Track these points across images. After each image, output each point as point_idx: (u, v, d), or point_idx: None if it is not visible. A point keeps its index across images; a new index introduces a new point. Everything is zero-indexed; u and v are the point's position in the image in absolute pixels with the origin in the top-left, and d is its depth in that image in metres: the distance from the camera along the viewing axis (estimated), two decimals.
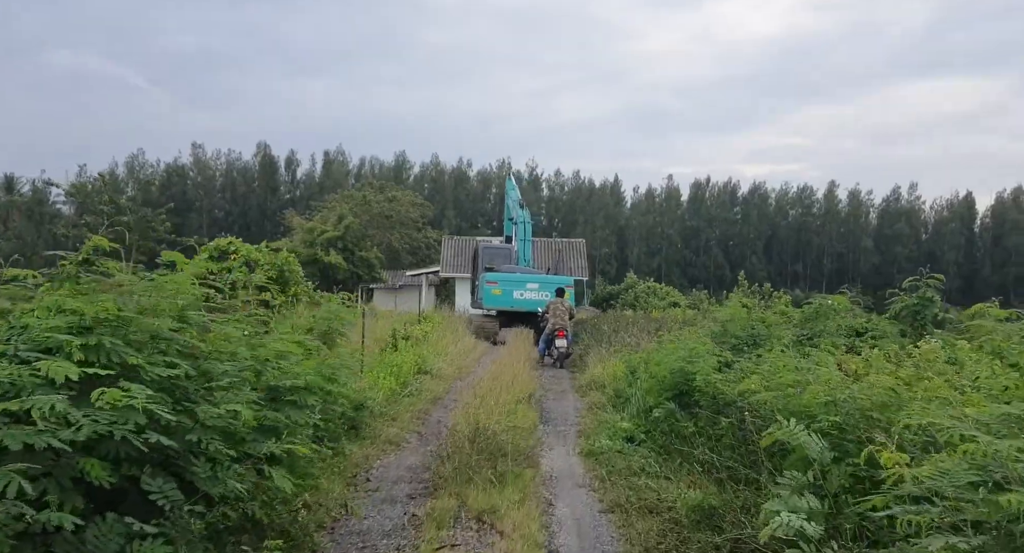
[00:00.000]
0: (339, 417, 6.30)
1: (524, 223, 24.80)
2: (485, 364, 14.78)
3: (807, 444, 3.59)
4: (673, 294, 45.76)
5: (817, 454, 3.57)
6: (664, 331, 13.89)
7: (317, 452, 5.53)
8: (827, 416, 3.92)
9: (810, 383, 4.54)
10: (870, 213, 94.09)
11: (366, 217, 53.05)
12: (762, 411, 4.89)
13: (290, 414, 4.21)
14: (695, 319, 20.30)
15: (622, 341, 14.31)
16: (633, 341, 14.02)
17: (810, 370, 5.05)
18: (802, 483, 3.54)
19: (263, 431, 3.96)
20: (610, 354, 13.43)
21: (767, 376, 5.73)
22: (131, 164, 78.68)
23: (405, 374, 10.32)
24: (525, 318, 19.69)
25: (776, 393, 4.62)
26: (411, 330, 15.06)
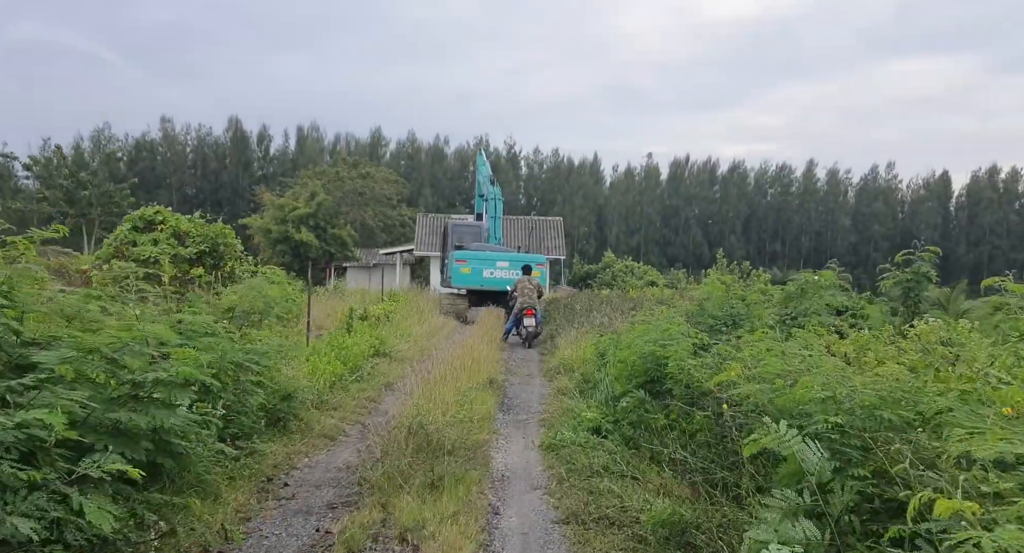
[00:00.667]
0: (256, 410, 5.44)
1: (495, 200, 24.10)
2: (450, 344, 13.97)
3: (802, 454, 2.80)
4: (651, 273, 45.18)
5: (815, 467, 2.78)
6: (639, 311, 13.16)
7: (222, 453, 4.67)
8: (825, 415, 3.12)
9: (802, 373, 3.75)
10: (848, 192, 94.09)
11: (339, 194, 51.74)
12: (744, 405, 4.11)
13: (155, 415, 3.34)
14: (672, 298, 19.64)
15: (595, 321, 13.55)
16: (606, 321, 13.27)
17: (800, 357, 4.27)
18: (795, 505, 2.75)
19: (115, 438, 3.10)
20: (581, 335, 12.67)
21: (749, 363, 4.96)
22: (97, 138, 76.12)
23: (356, 357, 9.45)
24: (495, 297, 19.20)
25: (761, 386, 3.82)
26: (372, 310, 14.18)
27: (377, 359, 10.62)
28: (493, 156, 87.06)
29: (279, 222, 45.29)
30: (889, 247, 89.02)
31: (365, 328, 11.85)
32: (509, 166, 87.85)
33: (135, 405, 3.36)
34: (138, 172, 75.29)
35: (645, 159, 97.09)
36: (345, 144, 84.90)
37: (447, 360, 10.37)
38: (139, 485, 3.69)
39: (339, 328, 11.17)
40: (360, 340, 10.43)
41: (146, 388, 3.43)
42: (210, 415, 4.56)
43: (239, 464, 4.91)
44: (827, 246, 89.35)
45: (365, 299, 19.58)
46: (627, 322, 10.67)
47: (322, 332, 11.60)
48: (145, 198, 73.90)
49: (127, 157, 76.86)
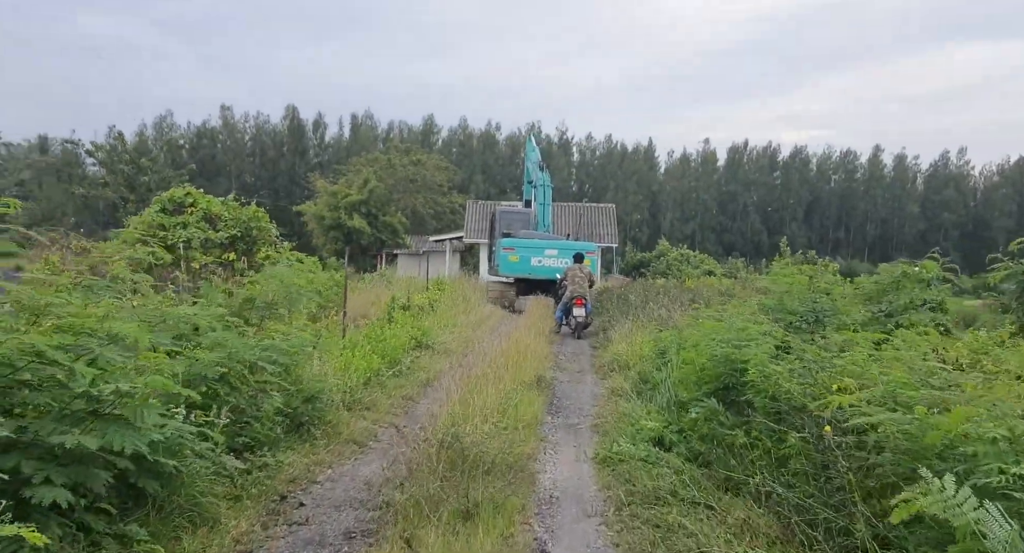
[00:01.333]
0: (273, 415, 4.80)
1: (544, 186, 23.39)
2: (496, 336, 13.27)
3: (986, 525, 1.94)
4: (708, 262, 43.62)
5: (1004, 545, 1.92)
6: (700, 303, 12.20)
7: (224, 469, 4.03)
8: (1001, 463, 2.24)
9: (949, 393, 2.85)
10: (917, 179, 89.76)
11: (391, 181, 51.60)
12: (871, 438, 3.23)
13: (114, 435, 2.68)
14: (733, 289, 18.52)
15: (651, 314, 12.63)
16: (664, 314, 12.33)
17: (929, 370, 3.35)
18: None
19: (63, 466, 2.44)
20: (636, 328, 11.79)
21: (855, 373, 4.06)
22: (159, 126, 77.88)
23: (395, 351, 8.80)
24: (544, 286, 18.75)
25: (895, 415, 2.94)
26: (417, 299, 13.56)
27: (418, 352, 9.96)
28: (544, 142, 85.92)
29: (332, 209, 45.41)
30: (960, 235, 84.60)
31: (408, 318, 11.21)
32: (561, 152, 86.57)
33: (93, 424, 2.72)
34: (199, 160, 76.84)
35: (701, 144, 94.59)
36: (399, 131, 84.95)
37: (492, 354, 9.64)
38: (113, 516, 3.05)
39: (380, 318, 10.55)
40: (401, 331, 9.79)
41: (105, 403, 2.78)
42: (213, 424, 3.92)
43: (248, 480, 4.26)
44: (894, 234, 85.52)
45: (411, 287, 19.05)
46: (689, 316, 9.75)
47: (364, 322, 11.02)
48: (205, 185, 75.20)
49: (188, 145, 78.44)
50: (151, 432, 2.82)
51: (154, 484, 3.25)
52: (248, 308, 5.74)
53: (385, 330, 9.59)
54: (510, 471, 4.68)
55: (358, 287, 16.65)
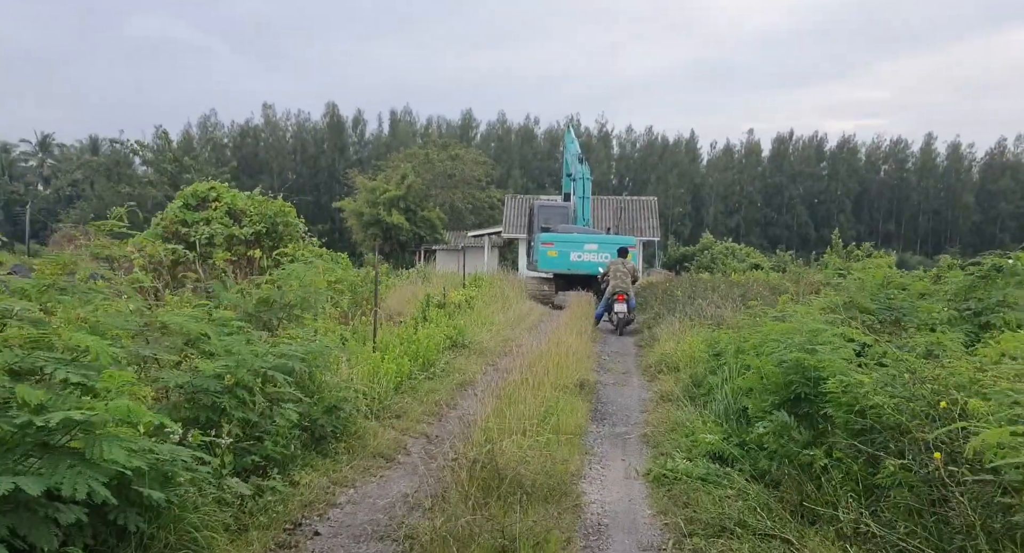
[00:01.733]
0: (288, 430, 4.32)
1: (583, 179, 22.87)
2: (536, 335, 12.75)
3: None
4: (754, 255, 42.38)
5: None
6: (754, 299, 11.46)
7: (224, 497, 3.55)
8: None
9: None
10: (971, 168, 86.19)
11: (428, 176, 51.36)
12: (1008, 476, 2.59)
13: (65, 477, 2.20)
14: (784, 284, 17.66)
15: (700, 311, 11.93)
16: (714, 311, 11.63)
17: None
18: None
19: None
20: (685, 327, 11.12)
21: (963, 385, 3.40)
22: (204, 125, 79.12)
23: (429, 352, 8.32)
24: (584, 281, 18.33)
25: None
26: (453, 296, 13.09)
27: (453, 352, 9.47)
28: (584, 136, 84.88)
29: (371, 205, 45.37)
30: (1017, 227, 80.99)
31: (443, 317, 10.73)
32: (601, 145, 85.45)
33: (41, 461, 2.25)
34: (241, 157, 77.93)
35: (745, 135, 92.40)
36: (437, 127, 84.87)
37: (530, 354, 9.10)
38: None
39: (414, 317, 10.09)
40: (436, 331, 9.30)
41: (55, 435, 2.31)
42: (215, 444, 3.45)
43: (257, 505, 3.79)
44: (947, 226, 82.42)
45: (447, 283, 18.63)
46: (746, 314, 9.06)
47: (399, 320, 10.58)
48: (248, 183, 76.56)
49: (232, 143, 79.58)
50: (121, 464, 2.34)
51: (137, 519, 2.78)
52: (265, 309, 5.30)
53: (419, 330, 9.12)
54: (552, 495, 4.12)
55: (394, 284, 16.26)
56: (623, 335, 13.70)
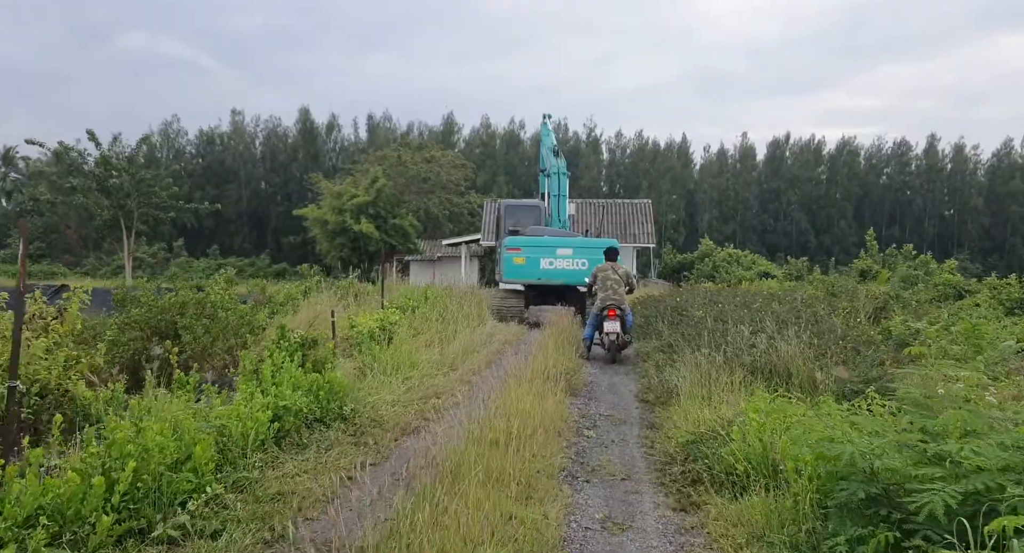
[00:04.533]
0: None
1: (558, 174, 19.10)
2: (498, 371, 8.41)
3: None
4: (761, 262, 38.10)
5: None
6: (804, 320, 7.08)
7: None
8: None
9: None
10: (978, 170, 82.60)
11: (401, 180, 47.00)
12: None
13: None
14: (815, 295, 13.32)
15: (740, 345, 7.50)
16: (764, 346, 7.21)
17: None
18: None
19: None
20: (721, 374, 6.73)
21: None
22: (165, 132, 74.25)
23: (203, 458, 3.87)
24: (559, 293, 15.42)
25: None
26: (363, 322, 8.63)
27: (317, 434, 5.07)
28: (572, 141, 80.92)
29: (336, 212, 40.86)
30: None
31: (311, 362, 6.26)
32: (590, 150, 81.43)
33: None
34: (206, 165, 73.41)
35: (739, 139, 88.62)
36: (418, 133, 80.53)
37: (458, 434, 4.70)
38: None
39: (251, 368, 5.63)
40: (265, 400, 4.84)
41: None
42: None
43: None
44: (955, 231, 78.59)
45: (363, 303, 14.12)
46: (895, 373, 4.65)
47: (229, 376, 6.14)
48: (214, 192, 72.04)
49: (195, 151, 75.04)
50: None
51: None
52: None
53: (227, 400, 4.66)
54: None
55: (303, 304, 11.90)
56: (616, 362, 10.22)
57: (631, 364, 10.51)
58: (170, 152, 73.60)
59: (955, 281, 15.90)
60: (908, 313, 11.57)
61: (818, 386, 6.84)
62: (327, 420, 5.59)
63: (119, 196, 34.81)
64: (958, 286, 15.81)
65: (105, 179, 33.72)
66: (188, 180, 72.46)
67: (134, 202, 35.63)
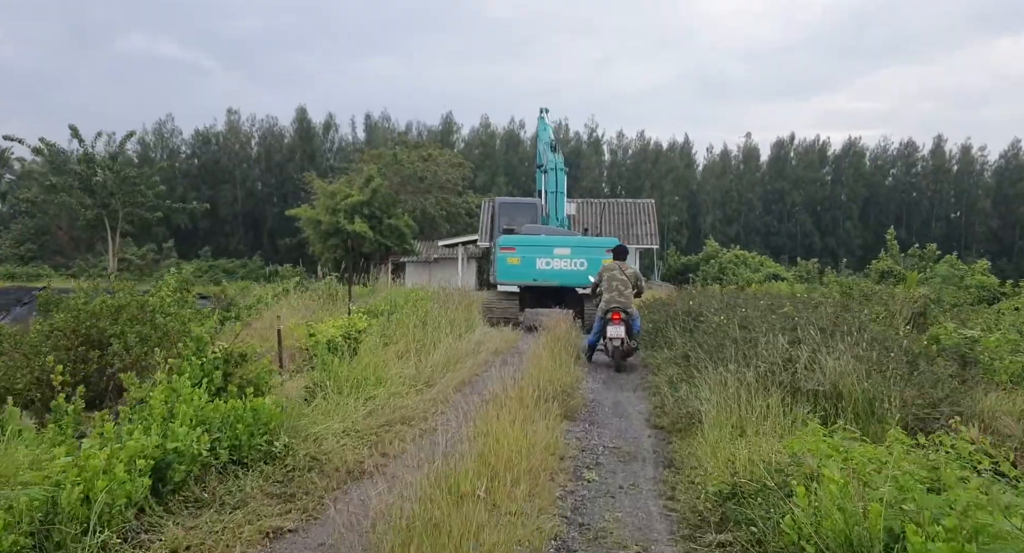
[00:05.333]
0: None
1: (555, 170, 18.13)
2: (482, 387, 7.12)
3: None
4: (768, 263, 36.74)
5: None
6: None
7: None
8: None
9: None
10: (984, 172, 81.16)
11: (397, 179, 45.70)
12: None
13: None
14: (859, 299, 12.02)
15: (779, 359, 6.15)
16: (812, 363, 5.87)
17: None
18: None
19: None
20: (755, 393, 5.43)
21: None
22: (159, 131, 72.89)
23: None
24: (556, 295, 14.52)
25: None
26: (323, 331, 7.30)
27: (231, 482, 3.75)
28: (573, 141, 79.58)
29: (330, 212, 39.53)
30: None
31: (238, 385, 4.94)
32: (591, 151, 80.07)
33: None
34: (201, 166, 72.09)
35: (743, 139, 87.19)
36: (416, 133, 79.20)
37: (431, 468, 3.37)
38: None
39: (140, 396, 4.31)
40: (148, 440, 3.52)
41: None
42: None
43: None
44: (962, 233, 77.15)
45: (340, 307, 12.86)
46: None
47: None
48: (209, 193, 70.67)
49: (191, 150, 73.74)
50: None
51: None
52: None
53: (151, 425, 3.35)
54: None
55: (272, 304, 10.60)
56: (621, 371, 9.37)
57: (638, 375, 9.19)
58: (164, 152, 72.28)
59: (989, 283, 14.59)
60: (951, 318, 10.22)
61: (876, 412, 5.53)
62: (249, 461, 4.27)
63: (103, 195, 33.51)
64: (992, 288, 14.50)
65: (88, 177, 32.39)
66: (183, 180, 71.50)
67: (119, 201, 34.34)
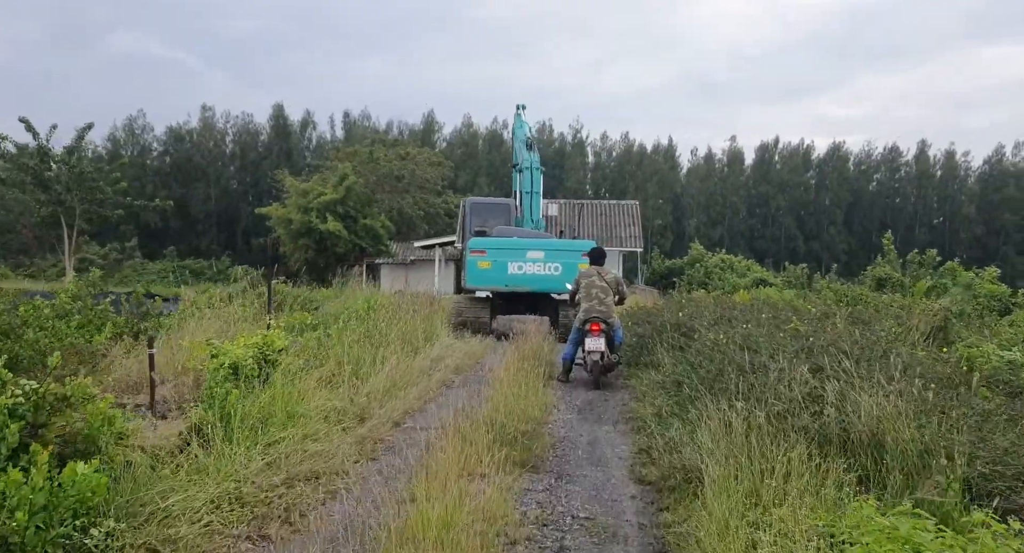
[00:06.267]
0: None
1: (531, 169, 16.80)
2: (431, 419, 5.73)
3: None
4: (755, 268, 35.59)
5: None
6: None
7: None
8: None
9: None
10: (968, 177, 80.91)
11: (373, 178, 44.14)
12: None
13: None
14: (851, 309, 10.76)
15: (800, 394, 4.80)
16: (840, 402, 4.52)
17: None
18: None
19: None
20: (769, 440, 4.05)
21: None
22: (130, 127, 70.49)
23: None
24: (530, 302, 13.68)
25: None
26: (228, 352, 5.83)
27: None
28: (557, 142, 78.34)
29: (302, 211, 37.92)
30: (1022, 239, 75.58)
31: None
32: (575, 152, 78.88)
33: None
34: (173, 163, 69.92)
35: (727, 142, 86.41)
36: (398, 131, 77.49)
37: None
38: None
39: None
40: None
41: None
42: None
43: None
44: (947, 239, 76.76)
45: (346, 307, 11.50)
46: None
47: None
48: (181, 191, 68.45)
49: (163, 147, 71.50)
50: None
51: None
52: None
53: None
54: None
55: (197, 313, 9.15)
56: (599, 388, 8.45)
57: (620, 399, 7.83)
58: (134, 148, 70.05)
59: (1000, 292, 13.43)
60: (973, 332, 8.95)
61: (928, 465, 4.17)
62: None
63: (58, 190, 31.70)
64: (1003, 297, 13.34)
65: (41, 172, 30.57)
66: (153, 177, 69.25)
67: (75, 197, 32.54)
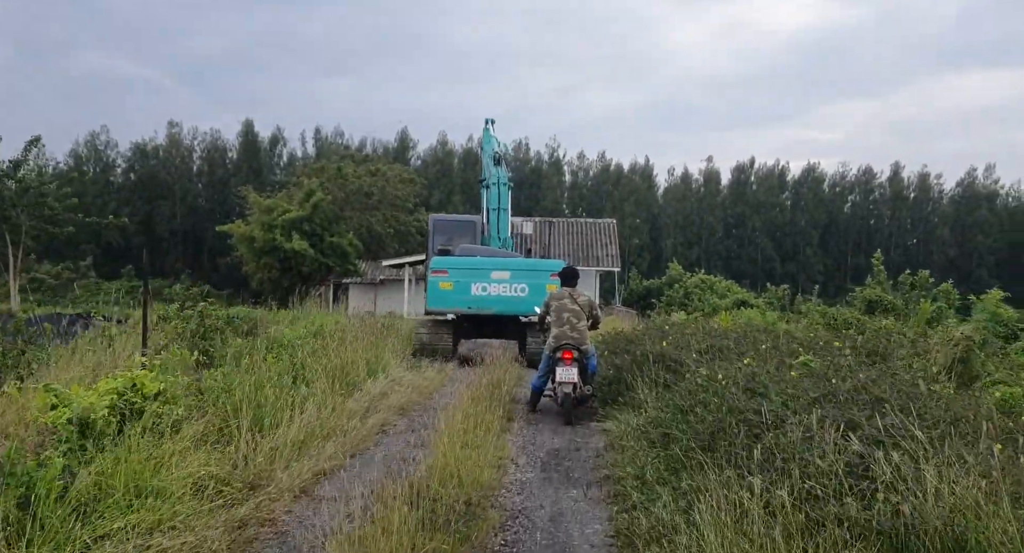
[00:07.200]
0: None
1: (498, 184, 15.82)
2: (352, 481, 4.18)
3: None
4: (735, 289, 34.52)
5: None
6: None
7: None
8: None
9: None
10: (942, 199, 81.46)
11: (341, 195, 42.62)
12: None
13: None
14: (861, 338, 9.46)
15: (840, 465, 3.42)
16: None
17: None
18: None
19: None
20: (795, 534, 2.60)
21: None
22: (92, 143, 68.15)
23: None
24: (496, 325, 12.79)
25: None
26: (69, 394, 4.30)
27: None
28: (534, 160, 77.48)
29: (266, 228, 36.21)
30: (994, 262, 75.90)
31: None
32: (552, 171, 78.02)
33: None
34: (138, 180, 67.75)
35: (704, 163, 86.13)
36: (371, 149, 76.00)
37: None
38: None
39: None
40: None
41: None
42: None
43: None
44: (921, 260, 76.89)
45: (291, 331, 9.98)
46: None
47: None
48: (145, 208, 66.25)
49: (128, 163, 69.30)
50: None
51: None
52: None
53: None
54: None
55: (67, 354, 7.54)
56: (571, 424, 7.37)
57: (594, 446, 6.40)
58: (98, 165, 67.81)
59: (1007, 316, 12.30)
60: (998, 366, 7.66)
61: None
62: None
63: (1, 206, 29.80)
64: (1010, 322, 12.22)
65: None
66: (116, 194, 66.98)
67: (24, 214, 30.69)
